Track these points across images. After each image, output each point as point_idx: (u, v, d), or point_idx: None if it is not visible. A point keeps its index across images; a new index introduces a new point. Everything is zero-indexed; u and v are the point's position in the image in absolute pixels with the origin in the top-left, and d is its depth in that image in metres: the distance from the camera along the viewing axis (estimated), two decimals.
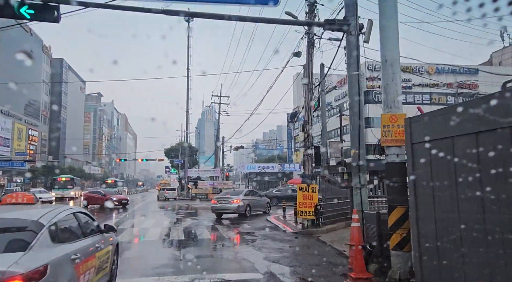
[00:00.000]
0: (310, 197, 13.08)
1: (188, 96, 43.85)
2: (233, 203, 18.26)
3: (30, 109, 73.52)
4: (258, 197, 20.48)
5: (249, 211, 18.74)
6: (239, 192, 19.60)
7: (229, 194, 19.42)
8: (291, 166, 44.59)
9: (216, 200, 18.95)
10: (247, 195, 19.40)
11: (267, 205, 20.97)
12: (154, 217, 20.21)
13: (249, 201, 18.98)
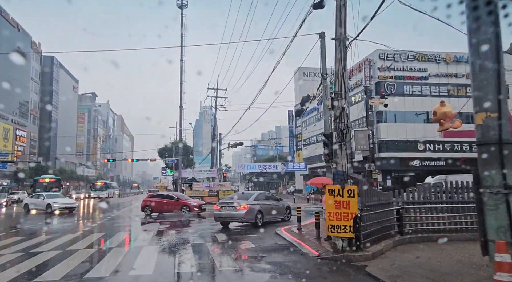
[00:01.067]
0: (347, 205, 8.71)
1: (182, 90, 39.49)
2: (240, 209, 14.09)
3: (17, 108, 68.88)
4: (274, 200, 16.13)
5: (261, 219, 14.52)
6: (249, 196, 15.31)
7: (236, 198, 15.16)
8: (296, 165, 40.15)
9: (220, 206, 14.74)
10: (258, 199, 15.14)
11: (287, 210, 16.65)
12: (129, 229, 15.77)
13: (260, 206, 14.73)
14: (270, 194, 17.05)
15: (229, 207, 14.35)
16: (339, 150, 9.18)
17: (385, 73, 37.33)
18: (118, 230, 14.89)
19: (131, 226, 17.10)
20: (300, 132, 58.53)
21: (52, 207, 23.58)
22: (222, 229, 14.18)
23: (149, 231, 14.20)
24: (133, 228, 16.34)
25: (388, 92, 37.46)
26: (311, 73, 59.83)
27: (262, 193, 16.31)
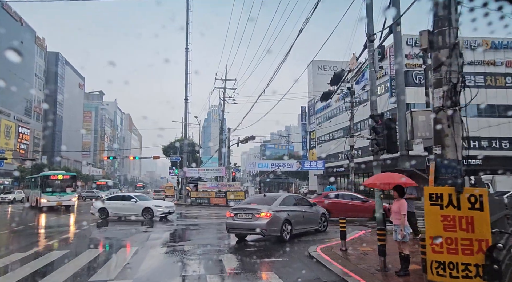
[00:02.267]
0: (468, 224, 4.65)
1: (187, 81, 35.62)
2: (260, 217, 10.13)
3: (20, 105, 65.86)
4: (305, 206, 12.04)
5: (289, 231, 10.56)
6: (272, 199, 11.10)
7: (254, 203, 11.05)
8: (312, 163, 35.97)
9: (233, 212, 10.76)
10: (285, 203, 11.10)
11: (322, 219, 12.54)
12: (111, 246, 11.83)
13: (288, 213, 10.75)
14: (299, 196, 12.80)
15: (246, 214, 10.37)
16: (449, 121, 5.05)
17: (413, 61, 32.99)
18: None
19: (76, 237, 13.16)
20: (314, 130, 54.30)
21: (155, 213, 17.08)
22: (233, 247, 10.16)
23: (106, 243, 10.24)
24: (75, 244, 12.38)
25: (416, 82, 33.17)
26: (326, 66, 55.63)
27: (290, 195, 12.17)
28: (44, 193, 25.80)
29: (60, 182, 26.69)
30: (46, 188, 26.01)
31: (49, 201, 25.62)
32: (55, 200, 25.80)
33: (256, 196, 12.85)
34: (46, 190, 25.95)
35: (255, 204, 10.88)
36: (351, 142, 31.92)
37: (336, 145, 44.19)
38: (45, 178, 26.78)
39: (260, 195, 12.55)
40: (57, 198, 25.83)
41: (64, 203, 26.14)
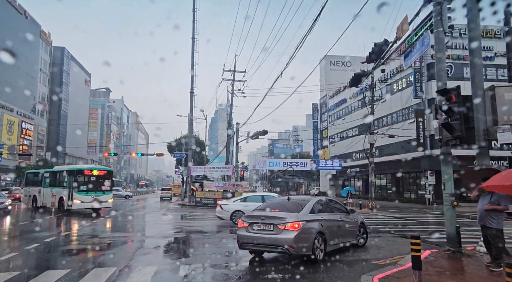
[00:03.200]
0: None
1: (194, 73, 32.87)
2: (285, 230, 7.32)
3: (24, 100, 63.76)
4: (340, 213, 9.11)
5: (323, 248, 7.74)
6: (299, 204, 8.16)
7: (275, 209, 8.10)
8: (328, 162, 32.92)
9: (247, 221, 7.91)
10: (316, 209, 8.23)
11: (360, 229, 9.58)
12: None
13: (321, 223, 7.90)
14: (333, 200, 9.76)
15: (266, 224, 7.52)
16: None
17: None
18: None
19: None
20: (326, 128, 51.23)
21: None
22: (246, 270, 7.28)
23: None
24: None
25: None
26: (339, 62, 52.54)
27: (321, 199, 9.03)
28: (78, 192, 20.02)
29: (95, 178, 21.21)
30: (80, 186, 20.27)
31: (83, 202, 19.95)
32: (90, 201, 20.13)
33: (276, 200, 9.57)
34: (80, 188, 20.21)
35: (277, 210, 7.97)
36: (371, 139, 28.93)
37: (350, 143, 41.12)
38: (77, 173, 20.84)
39: (282, 198, 9.49)
40: (92, 199, 20.15)
41: (101, 205, 20.69)
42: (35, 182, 24.66)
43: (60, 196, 21.05)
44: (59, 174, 22.34)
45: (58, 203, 21.01)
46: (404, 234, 12.41)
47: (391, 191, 37.08)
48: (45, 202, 22.78)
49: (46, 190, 22.93)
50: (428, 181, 29.26)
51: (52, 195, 22.05)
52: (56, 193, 21.69)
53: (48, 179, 23.12)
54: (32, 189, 24.69)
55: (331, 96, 49.34)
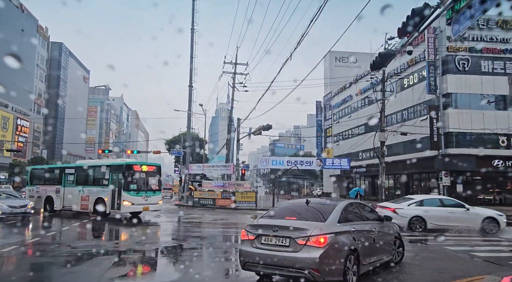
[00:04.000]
0: None
1: (192, 66, 30.82)
2: (307, 246, 5.21)
3: (20, 96, 61.68)
4: (373, 220, 6.91)
5: (357, 270, 5.63)
6: (323, 210, 5.96)
7: (292, 216, 5.95)
8: (335, 161, 30.80)
9: (254, 233, 5.75)
10: (347, 218, 6.07)
11: (395, 241, 7.42)
12: None
13: (353, 236, 5.75)
14: (364, 204, 7.42)
15: (279, 237, 5.45)
16: None
17: (456, 44, 27.71)
18: None
19: None
20: (330, 126, 49.10)
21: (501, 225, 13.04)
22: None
23: None
24: None
25: (459, 69, 27.88)
26: (344, 58, 50.42)
27: (351, 203, 6.72)
28: (128, 192, 16.15)
29: (145, 175, 17.26)
30: (130, 185, 16.34)
31: (134, 203, 16.20)
32: (142, 203, 16.47)
33: (290, 203, 7.46)
34: (130, 187, 16.34)
35: (294, 217, 5.86)
36: (382, 137, 26.76)
37: (356, 142, 39.01)
38: (126, 168, 16.55)
39: (298, 201, 7.20)
40: (144, 201, 16.55)
41: (151, 208, 17.12)
42: (49, 180, 19.97)
43: (97, 197, 16.74)
44: (94, 169, 17.95)
45: (93, 206, 16.71)
46: (441, 244, 10.32)
47: (399, 193, 34.96)
48: (69, 204, 18.22)
49: (70, 189, 18.26)
50: (443, 182, 27.19)
51: (82, 195, 17.54)
52: (90, 193, 17.23)
53: (73, 176, 18.59)
54: (44, 188, 19.88)
55: (336, 94, 47.24)
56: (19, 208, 15.37)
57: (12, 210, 15.13)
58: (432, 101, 28.69)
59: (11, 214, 15.06)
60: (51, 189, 19.44)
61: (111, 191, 16.47)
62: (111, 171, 16.96)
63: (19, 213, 15.40)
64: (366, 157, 39.92)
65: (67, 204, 18.46)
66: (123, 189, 16.18)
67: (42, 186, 20.17)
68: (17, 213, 15.31)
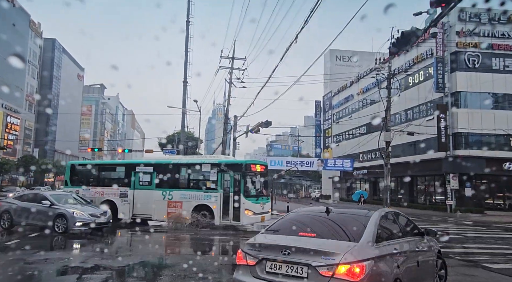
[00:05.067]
0: None
1: (187, 60, 29.10)
2: (336, 279, 3.40)
3: (10, 93, 59.54)
4: (414, 236, 5.03)
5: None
6: (356, 224, 4.11)
7: (308, 230, 4.11)
8: (338, 162, 29.10)
9: (255, 257, 3.90)
10: (385, 235, 4.21)
11: (437, 261, 5.49)
12: None
13: (396, 260, 3.92)
14: (399, 213, 5.37)
15: (292, 265, 3.64)
16: None
17: (466, 39, 26.15)
18: None
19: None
20: (329, 127, 47.46)
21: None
22: None
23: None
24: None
25: (469, 66, 26.29)
26: (345, 56, 48.86)
27: (385, 213, 4.71)
28: (249, 198, 12.96)
29: (259, 176, 14.10)
30: (250, 189, 13.28)
31: (255, 213, 13.07)
32: (260, 212, 13.39)
33: (303, 213, 5.03)
34: (251, 192, 13.27)
35: (311, 234, 4.10)
36: (387, 137, 25.07)
37: (358, 143, 37.38)
38: (246, 168, 13.30)
39: (314, 210, 5.14)
40: (261, 209, 13.53)
41: (266, 217, 13.79)
42: (105, 180, 15.93)
43: (197, 203, 13.34)
44: (191, 168, 14.26)
45: (191, 214, 13.20)
46: (471, 260, 8.60)
47: (401, 196, 33.35)
48: (144, 212, 14.39)
49: (146, 192, 14.46)
50: (451, 186, 25.57)
51: (169, 201, 13.92)
52: (184, 198, 13.66)
53: (150, 176, 14.67)
54: (98, 191, 15.42)
55: (336, 93, 45.62)
56: (100, 217, 11.58)
57: (94, 220, 11.33)
58: (439, 100, 27.11)
59: (95, 225, 11.37)
60: (111, 191, 15.08)
61: (221, 197, 13.09)
62: (222, 171, 13.38)
63: (102, 223, 11.63)
64: (367, 158, 38.30)
65: (140, 212, 14.49)
66: (242, 194, 12.77)
67: (95, 187, 15.55)
68: (100, 224, 11.54)
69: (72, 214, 11.02)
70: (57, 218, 11.10)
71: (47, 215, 11.17)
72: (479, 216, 22.90)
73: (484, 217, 22.84)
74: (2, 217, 12.21)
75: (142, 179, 14.84)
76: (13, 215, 12.02)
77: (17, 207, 12.05)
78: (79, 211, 11.22)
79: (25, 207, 11.84)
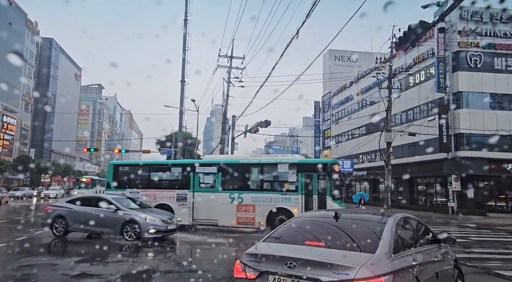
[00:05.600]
0: None
1: (185, 59, 28.60)
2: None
3: (6, 92, 58.88)
4: (431, 243, 4.53)
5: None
6: (370, 231, 3.64)
7: (315, 238, 3.62)
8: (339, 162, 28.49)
9: (255, 270, 3.38)
10: (402, 244, 3.66)
11: (454, 271, 4.89)
12: None
13: (415, 272, 3.39)
14: (414, 218, 5.00)
15: (298, 280, 3.13)
16: None
17: (468, 39, 25.76)
18: None
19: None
20: (328, 127, 47.04)
21: None
22: None
23: None
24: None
25: (471, 65, 25.89)
26: (344, 56, 48.47)
27: (401, 218, 4.15)
28: (336, 201, 12.06)
29: (344, 178, 13.64)
30: (336, 192, 12.28)
31: None
32: None
33: (308, 218, 4.53)
34: (336, 195, 12.29)
35: (319, 243, 3.61)
36: (388, 137, 24.65)
37: (357, 144, 36.96)
38: (332, 169, 12.51)
39: (321, 214, 4.75)
40: None
41: None
42: (154, 182, 14.21)
43: (274, 207, 12.29)
44: (264, 168, 13.00)
45: (266, 220, 12.31)
46: (483, 266, 8.12)
47: (402, 197, 32.91)
48: (207, 216, 13.20)
49: (209, 195, 12.98)
50: (452, 187, 25.14)
51: (239, 205, 12.67)
52: (257, 201, 12.51)
53: (213, 177, 13.29)
54: (149, 193, 13.81)
55: (335, 93, 45.20)
56: (170, 223, 10.68)
57: (166, 226, 10.42)
58: (441, 101, 26.70)
59: (166, 232, 10.44)
60: (166, 194, 13.63)
61: (302, 199, 12.01)
62: (302, 171, 12.24)
63: (172, 230, 10.80)
64: (367, 159, 37.87)
65: (202, 216, 13.21)
66: (330, 196, 11.82)
67: (145, 190, 13.95)
68: (170, 231, 10.69)
69: (145, 220, 10.06)
70: (127, 224, 10.08)
71: (114, 221, 10.15)
72: (481, 218, 22.48)
73: (487, 219, 22.42)
74: (55, 223, 10.89)
75: (204, 180, 13.38)
76: (68, 220, 10.73)
77: (73, 212, 10.81)
78: (151, 216, 10.23)
79: (83, 211, 10.67)
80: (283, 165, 12.65)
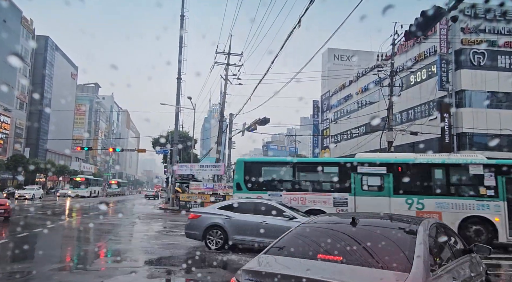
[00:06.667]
0: None
1: (182, 55, 27.90)
2: None
3: (1, 91, 57.83)
4: (463, 253, 3.78)
5: None
6: (395, 239, 2.96)
7: (330, 251, 2.86)
8: None
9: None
10: (438, 256, 2.86)
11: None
12: None
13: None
14: (445, 225, 4.05)
15: None
16: None
17: (471, 36, 25.15)
18: None
19: None
20: (327, 127, 46.39)
21: None
22: None
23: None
24: None
25: (474, 63, 25.29)
26: (343, 56, 47.85)
27: (433, 223, 3.52)
28: None
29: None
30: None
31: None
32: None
33: (318, 224, 3.67)
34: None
35: (336, 257, 2.89)
36: (389, 136, 24.05)
37: (357, 144, 36.31)
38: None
39: (332, 220, 3.97)
40: None
41: None
42: (301, 184, 12.23)
43: (465, 216, 10.77)
44: (449, 169, 11.48)
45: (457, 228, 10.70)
46: (505, 274, 7.43)
47: None
48: None
49: (381, 200, 11.28)
50: None
51: (418, 211, 11.05)
52: (442, 207, 10.96)
53: (380, 179, 11.57)
54: (297, 197, 11.86)
55: (334, 93, 44.58)
56: None
57: None
58: (443, 99, 26.10)
59: None
60: (318, 198, 11.71)
61: (504, 206, 10.51)
62: (503, 173, 10.68)
63: None
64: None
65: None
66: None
67: (289, 193, 11.90)
68: None
69: None
70: None
71: None
72: None
73: None
74: (210, 234, 9.08)
75: (369, 183, 11.58)
76: (228, 230, 8.95)
77: (233, 220, 9.04)
78: None
79: (247, 220, 8.93)
80: (475, 166, 10.94)
